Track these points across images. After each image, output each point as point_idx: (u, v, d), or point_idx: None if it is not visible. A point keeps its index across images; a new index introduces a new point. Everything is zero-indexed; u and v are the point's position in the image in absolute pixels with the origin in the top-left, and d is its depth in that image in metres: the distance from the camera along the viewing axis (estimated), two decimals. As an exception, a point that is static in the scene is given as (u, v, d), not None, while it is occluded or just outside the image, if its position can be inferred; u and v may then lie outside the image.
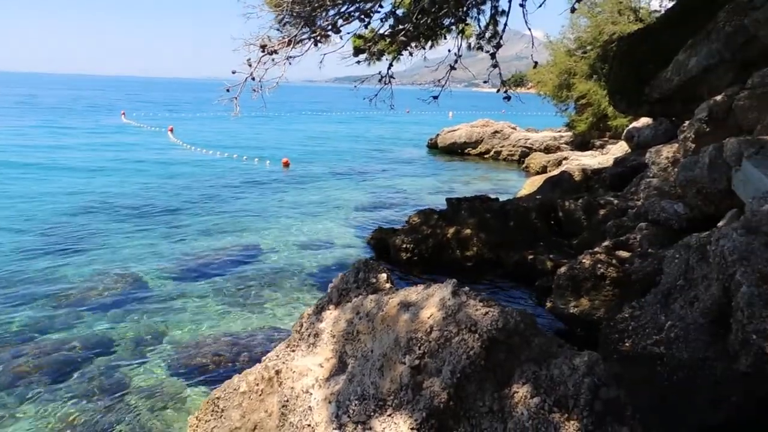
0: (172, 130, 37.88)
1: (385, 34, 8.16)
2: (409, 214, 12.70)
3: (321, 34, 7.15)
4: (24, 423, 6.04)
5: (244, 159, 26.20)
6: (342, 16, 7.05)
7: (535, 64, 8.56)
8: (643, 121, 17.22)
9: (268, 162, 25.48)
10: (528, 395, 3.34)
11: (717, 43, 11.40)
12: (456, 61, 8.78)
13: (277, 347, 5.06)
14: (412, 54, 9.80)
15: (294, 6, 6.64)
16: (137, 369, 7.17)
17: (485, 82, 8.90)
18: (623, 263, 7.74)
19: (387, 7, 7.69)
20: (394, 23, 7.70)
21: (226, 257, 11.64)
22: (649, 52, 13.64)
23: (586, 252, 8.06)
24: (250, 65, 6.28)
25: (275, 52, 6.49)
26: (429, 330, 3.66)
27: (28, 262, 10.95)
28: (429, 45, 9.82)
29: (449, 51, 9.01)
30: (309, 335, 4.74)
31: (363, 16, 7.08)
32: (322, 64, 7.86)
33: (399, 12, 7.89)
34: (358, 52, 8.89)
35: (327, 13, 7.19)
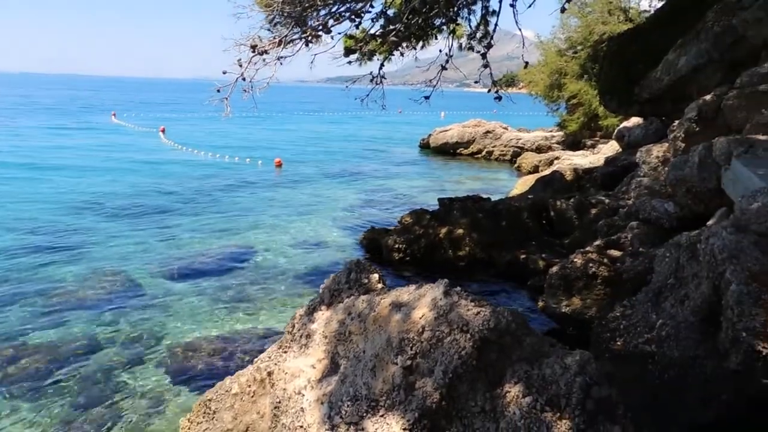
0: (163, 130, 37.69)
1: (376, 34, 8.15)
2: (402, 214, 12.70)
3: (312, 34, 7.13)
4: (15, 427, 5.99)
5: (236, 159, 26.12)
6: (333, 16, 7.04)
7: (525, 64, 8.58)
8: (634, 120, 17.32)
9: (260, 162, 25.42)
10: (520, 395, 3.35)
11: (706, 43, 11.48)
12: (447, 62, 8.78)
13: (269, 348, 5.05)
14: (403, 54, 9.80)
15: (284, 6, 6.62)
16: (128, 371, 7.12)
17: (476, 83, 8.91)
18: (615, 262, 7.78)
19: (378, 7, 7.70)
20: (385, 23, 7.69)
21: (218, 258, 11.60)
22: (639, 52, 13.72)
23: (578, 251, 8.08)
24: (241, 66, 6.26)
25: (266, 52, 6.47)
26: (421, 330, 3.66)
27: (19, 262, 10.87)
28: (420, 45, 9.82)
29: (440, 51, 9.01)
30: (301, 336, 4.72)
31: (354, 17, 7.07)
32: (313, 64, 7.85)
33: (390, 12, 7.89)
34: (349, 52, 8.88)
35: (318, 14, 7.18)
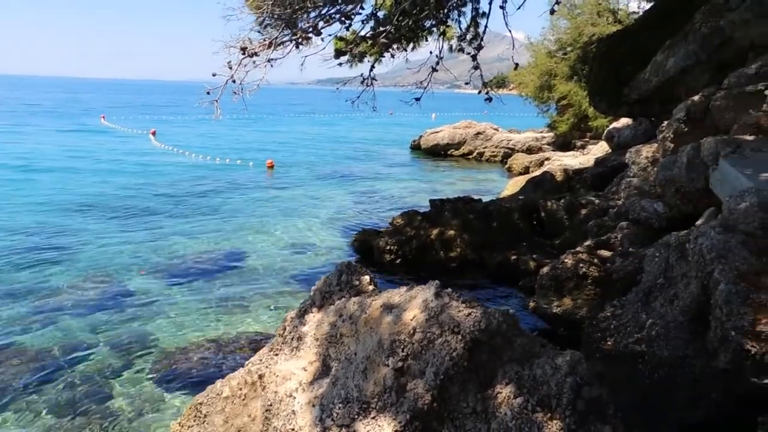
0: (154, 133, 37.48)
1: (367, 36, 8.16)
2: (393, 216, 12.71)
3: (302, 36, 7.12)
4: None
5: (227, 161, 26.03)
6: (323, 18, 7.03)
7: (516, 65, 8.60)
8: (623, 121, 17.44)
9: (251, 163, 25.36)
10: (511, 395, 3.35)
11: (694, 44, 11.57)
12: (438, 63, 8.80)
13: (260, 351, 5.02)
14: (393, 56, 9.81)
15: (274, 8, 6.61)
16: (119, 375, 7.08)
17: (467, 84, 8.93)
18: (605, 262, 7.82)
19: (368, 9, 7.70)
20: (375, 25, 7.70)
21: (208, 260, 11.55)
22: (628, 54, 13.82)
23: (569, 252, 8.12)
24: (231, 68, 6.24)
25: (256, 54, 6.45)
26: (412, 332, 3.66)
27: (6, 265, 10.77)
28: (410, 47, 9.83)
29: (431, 53, 9.03)
30: (292, 339, 4.71)
31: (344, 18, 7.07)
32: (303, 66, 7.84)
33: (380, 14, 7.90)
34: (339, 54, 8.87)
35: (308, 16, 7.17)
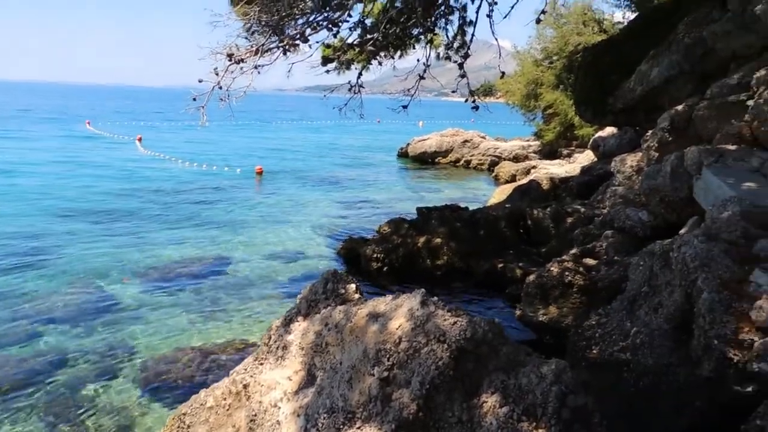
0: (140, 139, 37.23)
1: (354, 43, 8.17)
2: (380, 224, 12.70)
3: (289, 43, 7.11)
4: (-20, 444, 5.83)
5: (214, 168, 25.89)
6: (310, 25, 7.02)
7: (502, 74, 8.65)
8: (609, 130, 17.58)
9: (238, 170, 25.25)
10: (497, 404, 3.35)
11: (677, 54, 11.73)
12: (425, 71, 8.82)
13: (245, 360, 4.98)
14: (381, 63, 9.83)
15: (261, 15, 6.60)
16: (101, 385, 6.97)
17: (454, 92, 8.96)
18: (590, 271, 7.86)
19: (356, 16, 7.70)
20: (363, 33, 7.71)
21: (194, 268, 11.45)
22: (613, 63, 13.97)
23: (554, 260, 8.15)
24: (217, 74, 6.21)
25: (242, 60, 6.43)
26: (398, 341, 3.65)
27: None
28: (398, 55, 9.86)
29: (418, 61, 9.05)
30: (277, 348, 4.67)
31: (331, 26, 7.07)
32: (290, 73, 7.82)
33: (367, 22, 7.91)
34: (326, 61, 8.88)
35: (295, 23, 7.16)
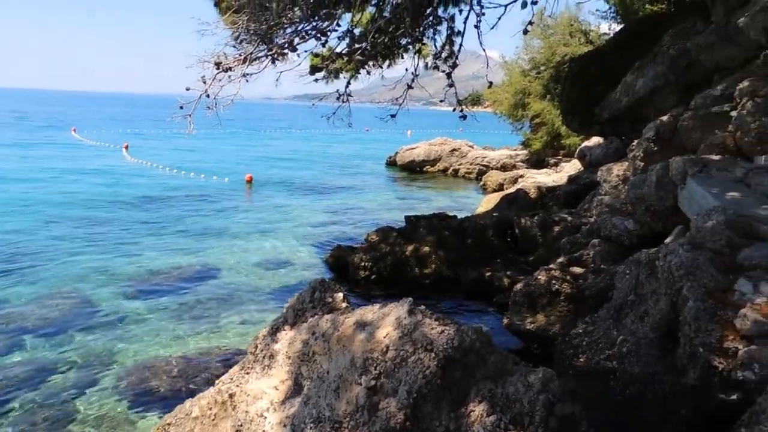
0: (127, 147, 36.98)
1: (343, 52, 8.19)
2: (368, 232, 12.68)
3: (278, 52, 7.12)
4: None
5: (202, 177, 25.74)
6: (298, 34, 7.03)
7: (489, 83, 8.71)
8: (595, 140, 17.74)
9: (226, 179, 25.13)
10: (484, 413, 3.34)
11: (662, 65, 11.89)
12: (413, 80, 8.85)
13: (231, 370, 4.94)
14: (369, 72, 9.85)
15: (250, 24, 6.60)
16: (84, 395, 6.87)
17: (442, 101, 9.01)
18: (577, 279, 7.90)
19: (344, 26, 7.73)
20: (351, 42, 7.74)
21: (180, 276, 11.36)
22: (599, 74, 14.14)
23: (542, 268, 8.19)
24: (205, 82, 6.20)
25: (230, 69, 6.42)
26: (385, 350, 3.63)
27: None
28: (386, 64, 9.89)
29: (406, 70, 9.08)
30: (264, 357, 4.63)
31: (320, 35, 7.09)
32: (279, 81, 7.82)
33: (356, 31, 7.94)
34: (315, 70, 8.89)
35: (284, 31, 7.17)
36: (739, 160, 7.97)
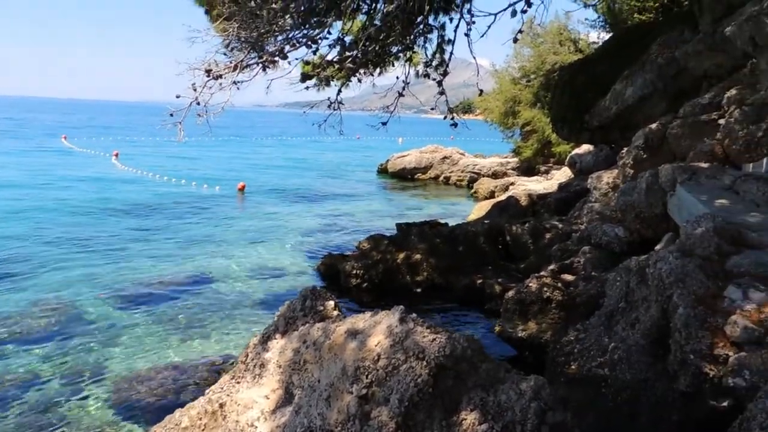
0: (117, 155, 36.77)
1: (333, 60, 8.19)
2: (360, 240, 12.67)
3: (268, 59, 7.11)
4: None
5: (193, 185, 25.62)
6: (289, 42, 7.03)
7: (480, 91, 8.74)
8: (585, 147, 17.87)
9: (217, 188, 25.01)
10: (476, 422, 3.33)
11: (651, 74, 12.00)
12: (404, 88, 8.87)
13: (221, 379, 4.90)
14: (360, 80, 9.87)
15: (240, 31, 6.59)
16: (72, 406, 6.78)
17: (433, 109, 9.03)
18: (568, 286, 7.91)
19: (335, 34, 7.74)
20: (342, 50, 7.74)
21: (170, 285, 11.28)
22: (589, 82, 14.24)
23: (533, 276, 8.19)
24: (195, 90, 6.18)
25: (220, 76, 6.41)
26: (376, 358, 3.62)
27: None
28: (377, 72, 9.91)
29: (397, 78, 9.11)
30: (255, 366, 4.60)
31: (310, 43, 7.09)
32: (269, 89, 7.80)
33: (347, 39, 7.95)
34: (306, 77, 8.88)
35: (274, 39, 7.17)
36: (728, 168, 8.04)
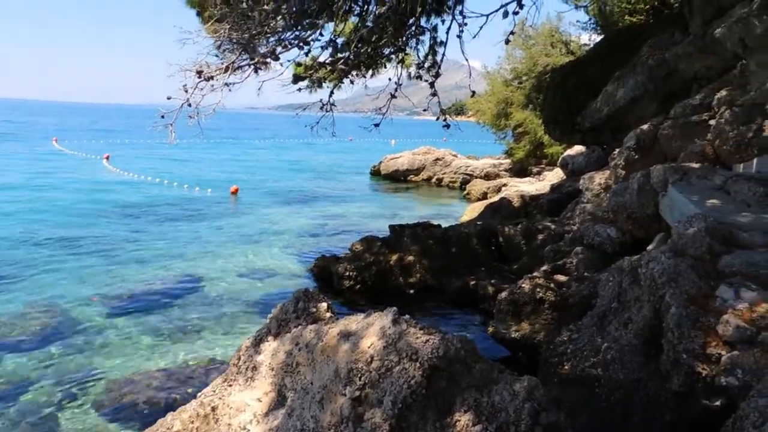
0: (108, 157, 36.57)
1: (326, 62, 8.18)
2: (353, 242, 12.65)
3: (260, 61, 7.09)
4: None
5: (185, 187, 25.50)
6: (281, 43, 7.02)
7: (473, 93, 8.76)
8: (577, 148, 17.91)
9: (209, 190, 24.90)
10: (470, 423, 3.31)
11: (642, 75, 12.06)
12: (396, 90, 8.87)
13: (213, 382, 4.87)
14: (353, 82, 9.85)
15: (232, 32, 6.57)
16: (62, 409, 6.72)
17: (425, 111, 9.02)
18: (561, 287, 7.93)
19: (327, 35, 7.73)
20: (334, 52, 7.73)
21: (162, 288, 11.21)
22: (580, 84, 14.30)
23: (526, 276, 8.21)
24: (186, 91, 6.15)
25: (212, 78, 6.38)
26: (369, 360, 3.60)
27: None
28: (370, 74, 9.90)
29: (390, 80, 9.10)
30: (247, 368, 4.57)
31: (302, 44, 7.07)
32: (261, 91, 7.78)
33: (339, 41, 7.94)
34: (298, 79, 8.87)
35: (266, 41, 7.15)
36: (719, 168, 8.08)
